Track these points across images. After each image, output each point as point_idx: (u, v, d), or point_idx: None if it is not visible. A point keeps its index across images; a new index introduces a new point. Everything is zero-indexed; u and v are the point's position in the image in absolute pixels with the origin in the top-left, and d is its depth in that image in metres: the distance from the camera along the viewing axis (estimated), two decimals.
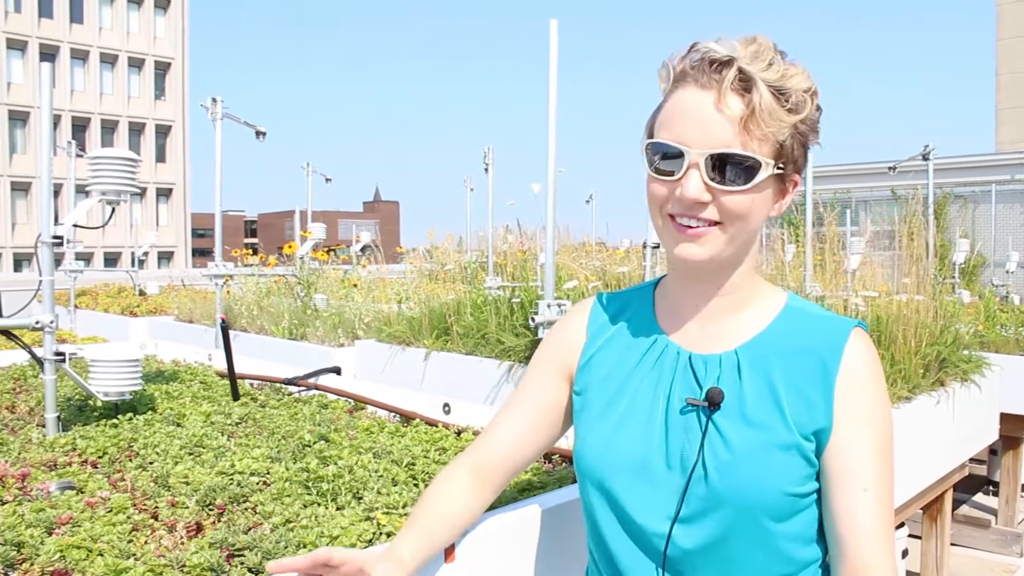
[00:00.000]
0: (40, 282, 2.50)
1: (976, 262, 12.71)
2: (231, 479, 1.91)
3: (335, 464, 1.98)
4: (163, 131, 44.93)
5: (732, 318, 1.29)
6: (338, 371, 3.64)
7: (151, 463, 2.10)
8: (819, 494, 1.22)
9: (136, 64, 43.74)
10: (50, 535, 1.56)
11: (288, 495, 1.81)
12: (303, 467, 1.96)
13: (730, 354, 1.26)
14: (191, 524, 1.63)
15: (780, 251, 5.05)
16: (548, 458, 2.19)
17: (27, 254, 37.70)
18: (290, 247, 6.63)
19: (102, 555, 1.47)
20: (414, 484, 1.93)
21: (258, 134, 5.88)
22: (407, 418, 2.72)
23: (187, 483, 1.89)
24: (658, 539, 1.24)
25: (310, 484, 1.87)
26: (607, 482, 1.29)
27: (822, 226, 5.07)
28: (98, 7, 42.26)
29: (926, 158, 7.36)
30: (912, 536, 4.15)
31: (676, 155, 1.18)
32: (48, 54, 39.75)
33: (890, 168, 8.51)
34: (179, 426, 2.54)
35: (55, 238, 2.48)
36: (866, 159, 15.99)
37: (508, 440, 1.42)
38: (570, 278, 4.85)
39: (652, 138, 1.22)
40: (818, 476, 1.21)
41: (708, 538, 1.21)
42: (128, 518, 1.65)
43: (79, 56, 41.77)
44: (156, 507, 1.74)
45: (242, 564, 1.46)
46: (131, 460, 2.14)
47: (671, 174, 1.19)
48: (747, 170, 1.16)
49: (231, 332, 4.93)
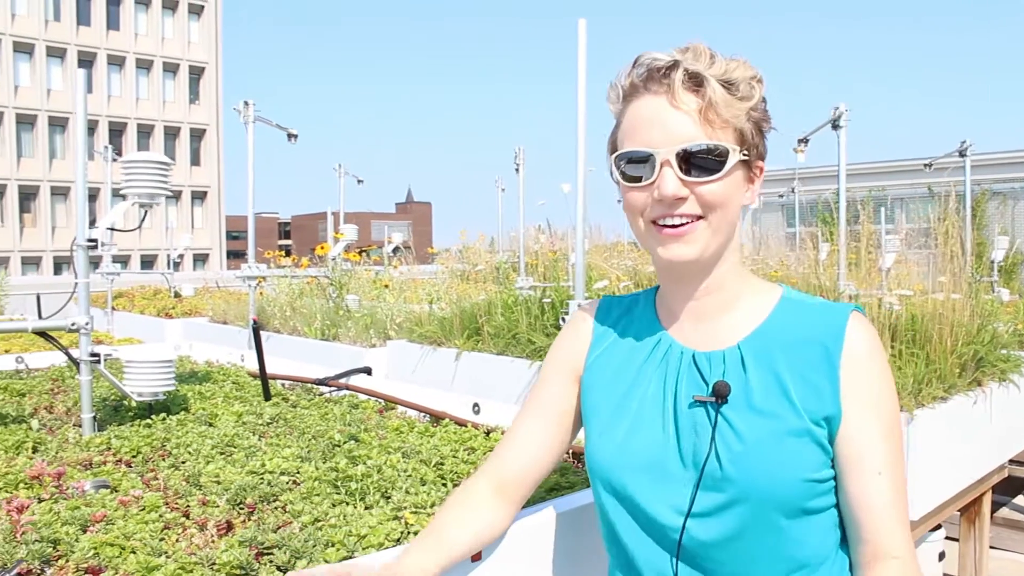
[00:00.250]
0: (75, 284, 2.54)
1: (1015, 259, 12.47)
2: (261, 478, 1.93)
3: (364, 464, 2.00)
4: (197, 135, 45.51)
5: (727, 315, 1.30)
6: (369, 371, 3.66)
7: (183, 462, 2.13)
8: (835, 481, 1.23)
9: (171, 69, 44.36)
10: (84, 532, 1.59)
11: (317, 494, 1.83)
12: (332, 467, 1.98)
13: (733, 349, 1.27)
14: (221, 523, 1.65)
15: (813, 249, 4.98)
16: (578, 457, 2.19)
17: (66, 257, 38.28)
18: (322, 248, 6.65)
19: (134, 552, 1.49)
20: (442, 484, 1.94)
21: (290, 136, 5.92)
22: (437, 418, 2.73)
23: (218, 482, 1.91)
24: (674, 533, 1.25)
25: (339, 483, 1.89)
26: (622, 484, 1.29)
27: (857, 224, 5.00)
28: (134, 13, 42.91)
29: (963, 154, 7.24)
30: (950, 539, 4.08)
31: (645, 159, 1.21)
32: (86, 61, 40.47)
33: (926, 165, 8.37)
34: (211, 426, 2.57)
35: (89, 241, 2.52)
36: (902, 156, 15.79)
37: (528, 455, 1.43)
38: (601, 278, 4.83)
39: (616, 152, 1.26)
40: (832, 463, 1.22)
41: (726, 531, 1.21)
42: (160, 516, 1.67)
43: (115, 62, 42.45)
44: (188, 506, 1.76)
45: (271, 562, 1.48)
46: (164, 459, 2.18)
47: (644, 179, 1.21)
48: (716, 159, 1.19)
49: (263, 333, 4.98)
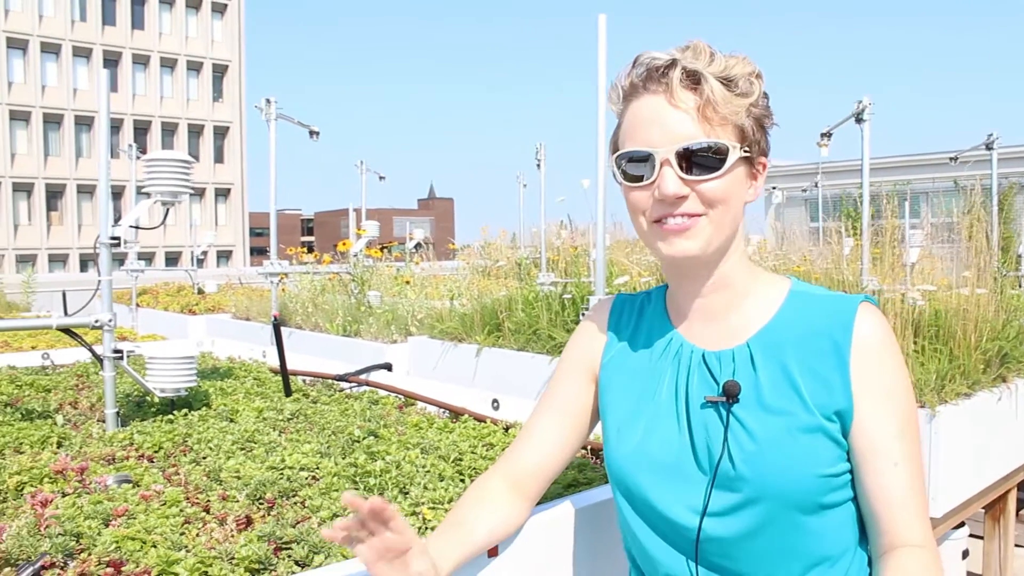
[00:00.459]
0: (99, 282, 2.57)
1: None
2: (281, 474, 1.95)
3: (383, 459, 2.01)
4: (221, 132, 45.82)
5: (736, 312, 1.29)
6: (389, 367, 3.67)
7: (204, 458, 2.15)
8: (852, 474, 1.22)
9: (194, 68, 44.69)
10: (107, 526, 1.61)
11: (336, 490, 1.84)
12: (351, 462, 1.99)
13: (742, 347, 1.27)
14: (241, 517, 1.67)
15: (836, 244, 4.93)
16: (596, 453, 2.19)
17: (92, 255, 38.73)
18: (344, 245, 6.67)
19: (155, 546, 1.51)
20: (460, 480, 1.94)
21: (312, 133, 5.94)
22: (456, 414, 2.74)
23: (238, 477, 1.93)
24: (691, 533, 1.24)
25: (358, 479, 1.90)
26: (639, 485, 1.29)
27: (881, 218, 4.94)
28: (158, 13, 43.26)
29: (990, 147, 7.13)
30: (974, 536, 4.04)
31: (645, 158, 1.20)
32: (111, 60, 40.87)
33: (952, 158, 8.26)
34: (232, 422, 2.59)
35: (112, 239, 2.55)
36: (927, 149, 15.61)
37: (543, 451, 1.44)
38: (622, 273, 4.81)
39: (617, 152, 1.26)
40: (848, 457, 1.21)
41: (743, 529, 1.20)
42: (181, 511, 1.69)
43: (140, 61, 42.82)
44: (208, 501, 1.78)
45: (289, 557, 1.49)
46: (185, 455, 2.20)
47: (645, 179, 1.21)
48: (716, 157, 1.18)
49: (285, 329, 5.02)
